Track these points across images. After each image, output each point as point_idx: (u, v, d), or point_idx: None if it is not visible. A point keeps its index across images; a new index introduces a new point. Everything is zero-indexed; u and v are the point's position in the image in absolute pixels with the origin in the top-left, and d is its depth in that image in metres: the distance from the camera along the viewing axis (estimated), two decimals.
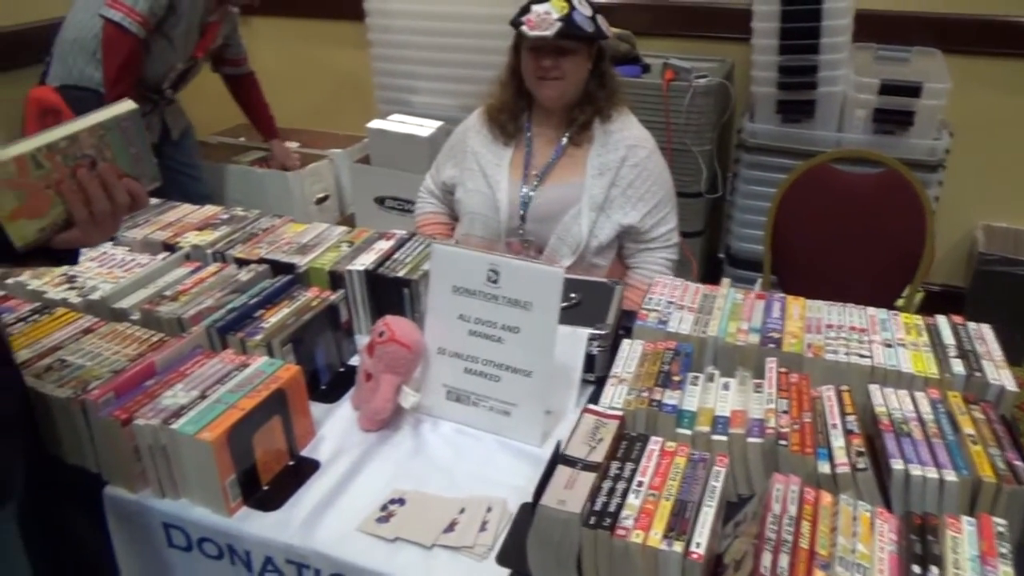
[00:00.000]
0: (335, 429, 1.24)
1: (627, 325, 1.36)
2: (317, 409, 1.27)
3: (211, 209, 1.74)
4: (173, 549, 1.12)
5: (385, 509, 1.07)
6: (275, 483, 1.13)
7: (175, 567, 1.14)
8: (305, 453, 1.19)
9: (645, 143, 1.77)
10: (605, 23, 1.69)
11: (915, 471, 0.97)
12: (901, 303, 2.01)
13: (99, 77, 2.39)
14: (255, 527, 1.06)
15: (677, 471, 0.96)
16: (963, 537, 0.86)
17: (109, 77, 2.36)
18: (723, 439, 1.06)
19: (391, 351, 1.21)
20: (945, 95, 2.34)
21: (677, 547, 0.86)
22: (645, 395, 1.14)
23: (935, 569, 0.82)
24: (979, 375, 1.15)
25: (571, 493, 0.92)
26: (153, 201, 1.76)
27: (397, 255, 1.48)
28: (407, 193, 2.73)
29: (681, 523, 0.88)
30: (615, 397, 1.15)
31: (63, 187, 0.95)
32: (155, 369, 1.16)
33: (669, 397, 1.13)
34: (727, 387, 1.15)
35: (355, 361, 1.39)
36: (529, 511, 0.97)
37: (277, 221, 1.66)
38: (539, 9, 1.62)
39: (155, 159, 1.05)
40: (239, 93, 3.02)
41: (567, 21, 1.61)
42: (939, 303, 1.80)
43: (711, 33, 2.90)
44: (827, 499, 0.92)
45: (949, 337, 1.24)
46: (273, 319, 1.29)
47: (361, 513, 1.07)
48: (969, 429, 1.03)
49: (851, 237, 2.00)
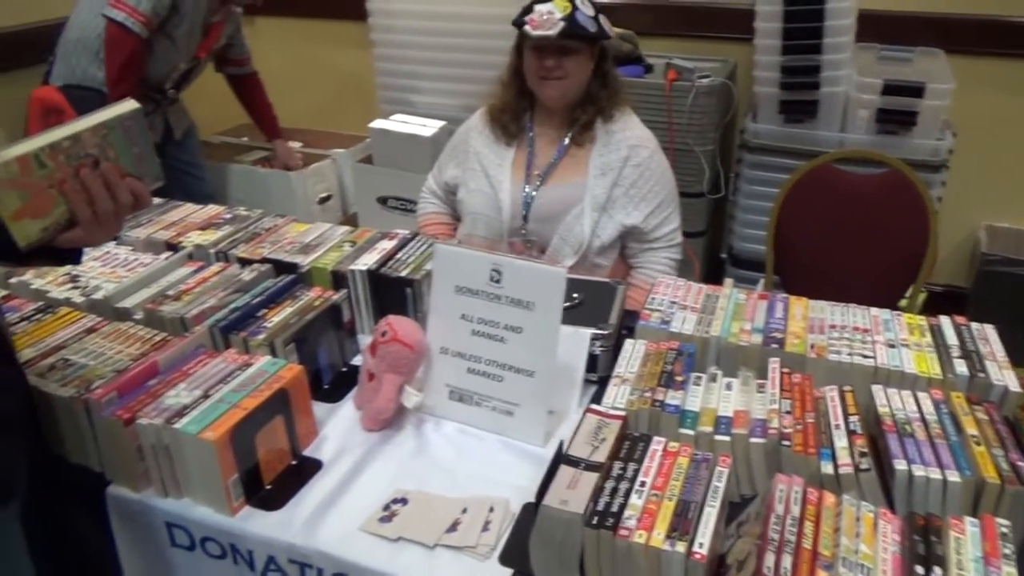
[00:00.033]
0: (338, 429, 1.24)
1: (630, 325, 1.36)
2: (320, 409, 1.27)
3: (214, 209, 1.74)
4: (176, 548, 1.12)
5: (388, 509, 1.07)
6: (278, 483, 1.13)
7: (178, 566, 1.14)
8: (308, 453, 1.19)
9: (647, 143, 1.77)
10: (607, 23, 1.69)
11: (918, 472, 0.97)
12: (904, 303, 2.01)
13: (102, 77, 2.39)
14: (258, 526, 1.06)
15: (680, 471, 0.96)
16: (966, 538, 0.86)
17: (111, 77, 2.36)
18: (726, 439, 1.06)
19: (394, 351, 1.21)
20: (948, 95, 2.34)
21: (680, 547, 0.86)
22: (648, 395, 1.14)
23: (938, 570, 0.82)
24: (982, 376, 1.15)
25: (574, 493, 0.92)
26: (156, 201, 1.76)
27: (400, 255, 1.48)
28: (410, 193, 2.73)
29: (684, 523, 0.88)
30: (618, 397, 1.15)
31: (66, 187, 0.95)
32: (158, 368, 1.16)
33: (672, 397, 1.13)
34: (730, 387, 1.15)
35: (358, 361, 1.39)
36: (532, 511, 0.97)
37: (280, 221, 1.66)
38: (542, 9, 1.63)
39: (158, 158, 1.05)
40: (243, 93, 3.02)
41: (570, 20, 1.61)
42: (942, 303, 1.80)
43: (714, 33, 2.90)
44: (830, 500, 0.92)
45: (952, 338, 1.24)
46: (276, 319, 1.29)
47: (364, 513, 1.07)
48: (972, 430, 1.03)
49: (854, 237, 1.99)
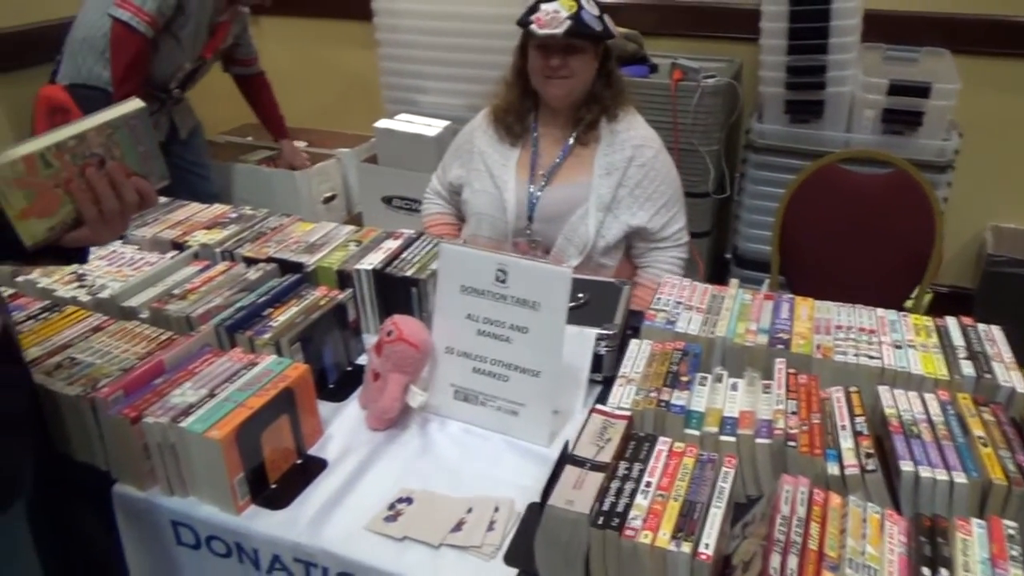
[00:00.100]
0: (343, 428, 1.24)
1: (635, 325, 1.36)
2: (325, 408, 1.27)
3: (219, 208, 1.75)
4: (182, 547, 1.12)
5: (393, 508, 1.07)
6: (283, 481, 1.13)
7: (183, 565, 1.14)
8: (313, 452, 1.19)
9: (652, 143, 1.77)
10: (611, 23, 1.69)
11: (925, 473, 0.97)
12: (910, 304, 2.00)
13: (108, 76, 2.39)
14: (263, 525, 1.07)
15: (685, 472, 0.95)
16: (973, 539, 0.85)
17: (116, 76, 2.37)
18: (731, 440, 1.06)
19: (399, 350, 1.21)
20: (954, 95, 2.33)
21: (685, 548, 0.85)
22: (653, 395, 1.14)
23: (945, 571, 0.82)
24: (989, 377, 1.14)
25: (579, 493, 0.92)
26: (161, 200, 1.76)
27: (405, 254, 1.48)
28: (414, 193, 2.73)
29: (689, 524, 0.88)
30: (623, 397, 1.15)
31: (72, 186, 0.95)
32: (164, 367, 1.17)
33: (677, 397, 1.13)
34: (735, 388, 1.15)
35: (363, 360, 1.39)
36: (537, 511, 0.97)
37: (285, 220, 1.66)
38: (548, 8, 1.63)
39: (163, 157, 1.05)
40: (250, 93, 3.02)
41: (576, 19, 1.61)
42: (948, 304, 1.79)
43: (719, 33, 2.90)
44: (836, 500, 0.91)
45: (959, 338, 1.24)
46: (281, 318, 1.30)
47: (369, 512, 1.07)
48: (979, 431, 1.03)
49: (859, 238, 1.99)
